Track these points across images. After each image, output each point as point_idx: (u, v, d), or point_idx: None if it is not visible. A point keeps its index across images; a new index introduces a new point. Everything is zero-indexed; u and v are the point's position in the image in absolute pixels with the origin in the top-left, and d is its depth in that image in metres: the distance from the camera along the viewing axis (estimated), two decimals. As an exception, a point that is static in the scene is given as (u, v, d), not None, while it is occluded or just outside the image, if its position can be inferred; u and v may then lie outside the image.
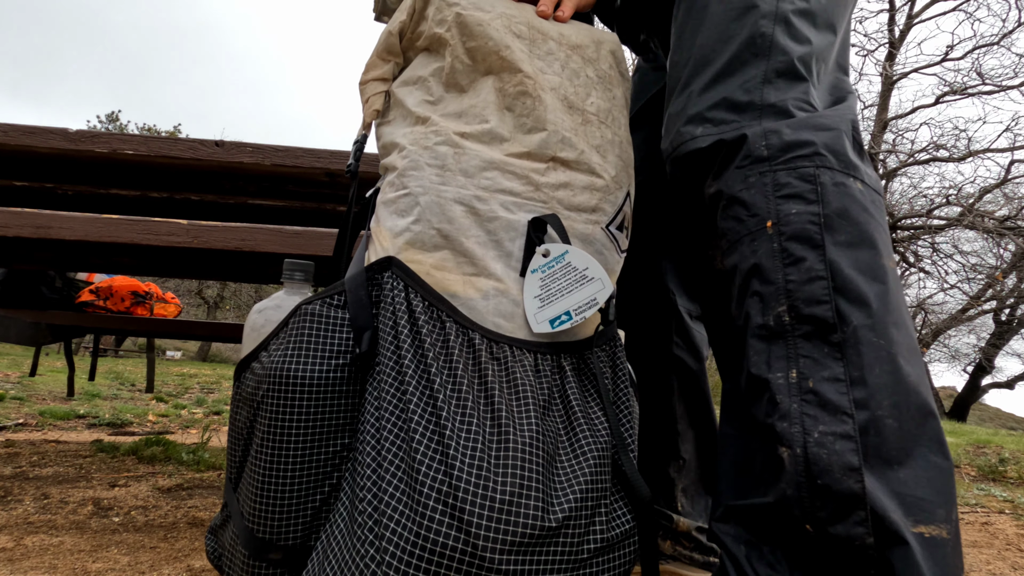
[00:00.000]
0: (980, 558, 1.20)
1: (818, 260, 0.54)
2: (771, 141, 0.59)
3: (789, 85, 0.62)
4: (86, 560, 0.91)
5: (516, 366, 0.55)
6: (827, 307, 0.53)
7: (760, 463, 0.54)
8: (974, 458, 2.90)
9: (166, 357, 16.59)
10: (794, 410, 0.52)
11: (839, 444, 0.49)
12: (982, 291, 10.25)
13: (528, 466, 0.49)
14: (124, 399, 4.04)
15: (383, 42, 0.69)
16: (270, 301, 0.67)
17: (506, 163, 0.62)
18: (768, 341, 0.55)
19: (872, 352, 0.52)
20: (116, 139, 1.07)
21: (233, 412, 0.61)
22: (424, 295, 0.56)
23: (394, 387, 0.52)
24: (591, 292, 0.60)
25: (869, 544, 0.47)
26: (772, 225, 0.57)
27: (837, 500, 0.48)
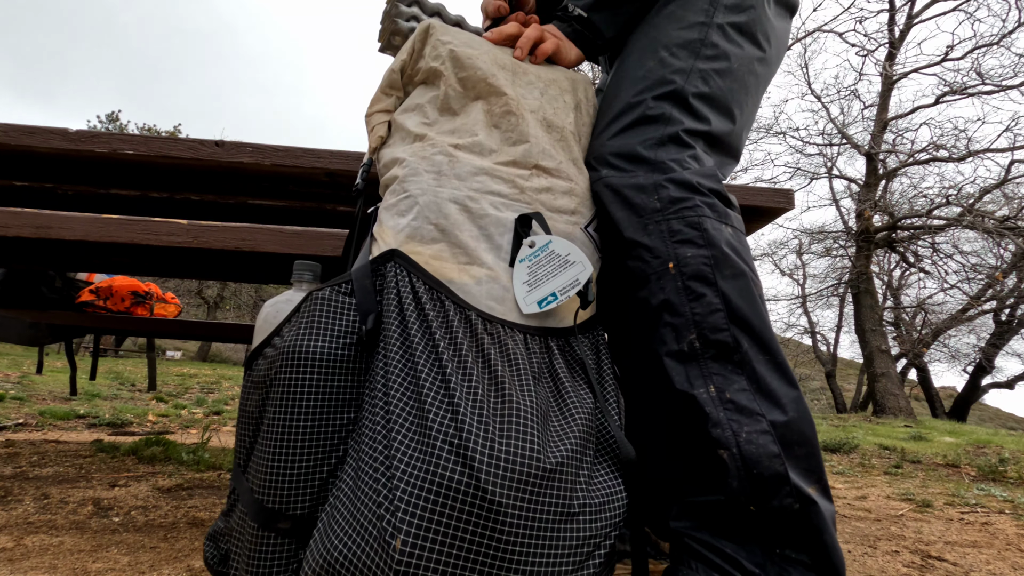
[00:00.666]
0: (980, 558, 1.20)
1: (715, 295, 0.67)
2: (662, 194, 0.72)
3: (678, 150, 0.76)
4: (86, 560, 0.91)
5: (508, 340, 0.62)
6: (727, 333, 0.66)
7: (704, 465, 0.64)
8: (974, 458, 2.90)
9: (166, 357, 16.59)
10: (722, 418, 0.63)
11: (762, 439, 0.62)
12: (982, 291, 10.24)
13: (526, 419, 0.55)
14: (124, 399, 4.04)
15: (387, 79, 0.78)
16: (281, 297, 0.73)
17: (494, 169, 0.69)
18: (684, 363, 0.67)
19: (760, 365, 0.65)
20: (116, 139, 1.07)
21: (243, 400, 0.64)
22: (425, 280, 0.62)
23: (401, 352, 0.58)
24: (573, 274, 0.67)
25: (796, 509, 0.60)
26: (674, 266, 0.69)
27: (770, 481, 0.61)
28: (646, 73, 0.80)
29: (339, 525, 0.51)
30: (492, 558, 0.50)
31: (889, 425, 5.77)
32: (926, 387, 11.99)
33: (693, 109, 0.79)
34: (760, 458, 0.61)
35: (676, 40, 0.82)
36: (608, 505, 0.57)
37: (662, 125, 0.77)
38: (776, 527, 0.61)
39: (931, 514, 1.65)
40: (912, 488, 2.10)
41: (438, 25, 0.77)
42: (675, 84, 0.79)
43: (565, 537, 0.53)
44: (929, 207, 9.73)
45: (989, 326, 11.28)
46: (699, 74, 0.80)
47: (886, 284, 13.27)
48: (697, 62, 0.80)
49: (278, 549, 0.58)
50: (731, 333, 0.65)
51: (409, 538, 0.47)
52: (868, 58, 10.70)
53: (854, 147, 10.76)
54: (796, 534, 0.61)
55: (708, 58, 0.81)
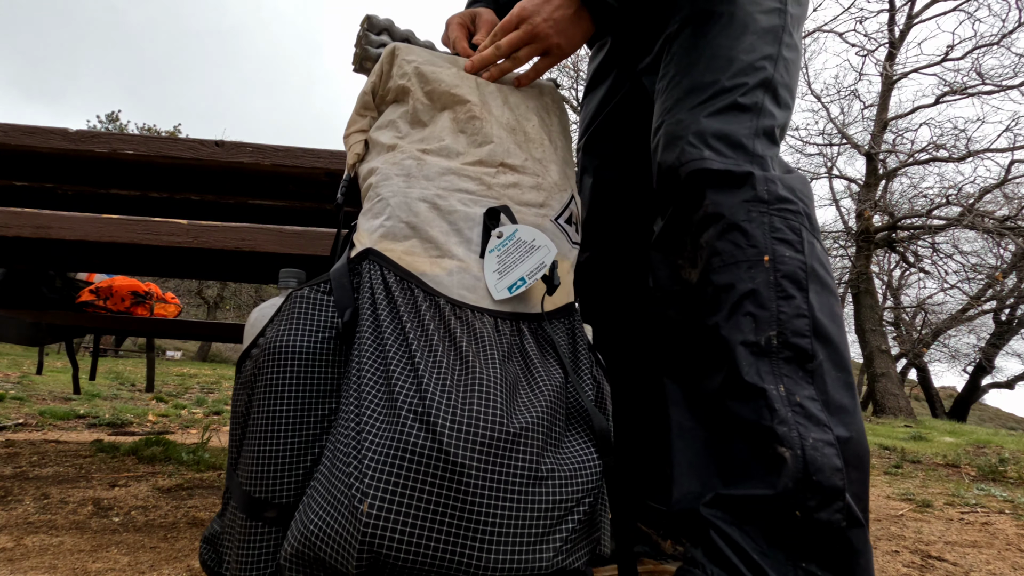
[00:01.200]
0: (980, 558, 1.20)
1: (804, 301, 0.66)
2: (771, 188, 0.70)
3: (768, 146, 0.74)
4: (86, 560, 0.91)
5: (476, 322, 0.64)
6: (808, 340, 0.65)
7: (756, 458, 0.63)
8: (974, 458, 2.90)
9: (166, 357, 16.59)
10: (790, 418, 0.62)
11: (827, 449, 0.61)
12: (982, 291, 10.25)
13: (490, 388, 0.57)
14: (124, 399, 4.04)
15: (360, 101, 0.84)
16: (268, 303, 0.76)
17: (462, 169, 0.73)
18: (757, 356, 0.66)
19: (832, 381, 0.65)
20: (116, 139, 1.07)
21: (234, 401, 0.67)
22: (397, 272, 0.65)
23: (372, 340, 0.60)
24: (539, 258, 0.69)
25: (843, 527, 0.59)
26: (769, 260, 0.68)
27: (825, 493, 0.59)
28: (736, 54, 0.76)
29: (315, 503, 0.53)
30: (459, 520, 0.51)
31: (889, 425, 5.77)
32: (926, 387, 11.99)
33: (779, 100, 0.77)
34: (823, 467, 0.60)
35: (762, 24, 0.78)
36: (580, 473, 0.58)
37: (756, 116, 0.74)
38: (811, 540, 0.60)
39: (931, 514, 1.65)
40: (912, 488, 2.10)
41: (402, 47, 0.82)
42: (767, 72, 0.76)
43: (533, 500, 0.54)
44: (929, 207, 9.73)
45: (989, 326, 11.28)
46: (783, 63, 0.77)
47: (886, 284, 13.27)
48: (781, 49, 0.78)
49: (265, 537, 0.60)
50: (811, 342, 0.65)
51: (376, 501, 0.49)
52: (868, 58, 10.70)
53: (854, 147, 10.77)
54: (830, 553, 0.59)
55: (788, 46, 0.79)
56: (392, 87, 0.80)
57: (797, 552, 0.60)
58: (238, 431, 0.65)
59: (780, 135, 0.77)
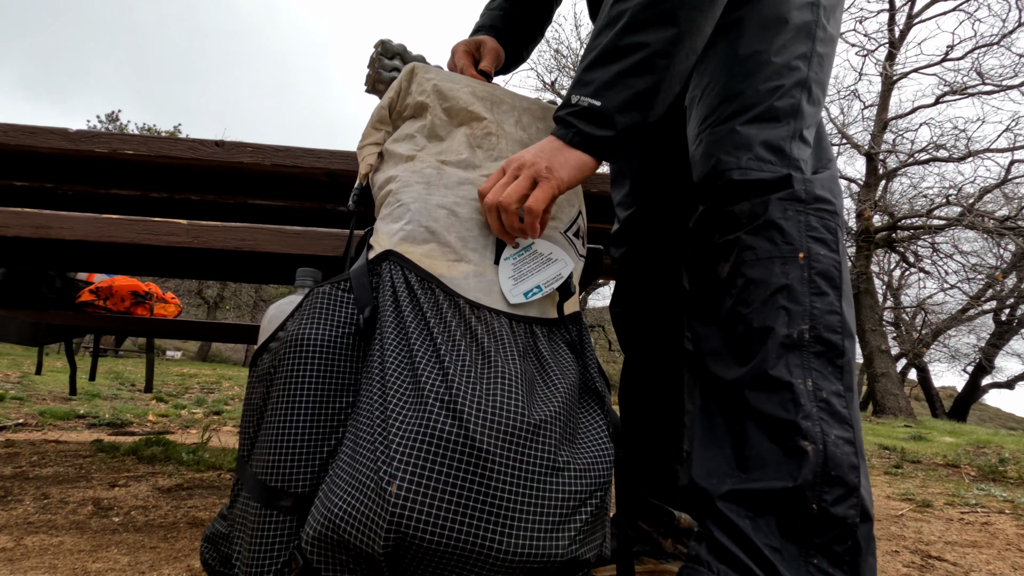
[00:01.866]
0: (980, 558, 1.20)
1: (836, 298, 0.67)
2: (808, 188, 0.71)
3: (802, 147, 0.74)
4: (86, 560, 0.91)
5: (495, 322, 0.66)
6: (839, 337, 0.66)
7: (777, 452, 0.64)
8: (974, 458, 2.90)
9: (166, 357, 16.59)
10: (814, 413, 0.63)
11: (846, 447, 0.62)
12: (982, 291, 10.25)
13: (512, 381, 0.59)
14: (124, 399, 4.04)
15: (376, 115, 0.86)
16: (284, 300, 0.79)
17: (478, 180, 0.76)
18: (787, 349, 0.66)
19: (853, 380, 0.66)
20: (116, 139, 1.07)
21: (248, 395, 0.68)
22: (417, 273, 0.67)
23: (395, 333, 0.62)
24: (556, 270, 0.72)
25: (854, 523, 0.60)
26: (803, 257, 0.68)
27: (842, 488, 0.61)
28: (769, 57, 0.75)
29: (339, 487, 0.55)
30: (483, 503, 0.53)
31: (889, 425, 5.77)
32: (926, 387, 11.99)
33: (813, 98, 0.76)
34: (842, 463, 0.61)
35: (794, 22, 0.76)
36: (594, 466, 0.60)
37: (793, 118, 0.74)
38: (823, 535, 0.61)
39: (931, 514, 1.65)
40: (912, 488, 2.10)
41: (421, 66, 0.86)
42: (801, 72, 0.75)
43: (551, 489, 0.56)
44: (929, 207, 9.73)
45: (989, 326, 11.28)
46: (817, 59, 0.77)
47: (886, 284, 13.27)
48: (815, 45, 0.76)
49: (280, 526, 0.60)
50: (843, 339, 0.66)
51: (404, 483, 0.51)
52: (868, 58, 10.70)
53: (854, 147, 10.77)
54: (840, 549, 0.61)
55: (821, 41, 0.77)
56: (410, 103, 0.84)
57: (809, 547, 0.61)
58: (252, 423, 0.66)
59: (811, 133, 0.77)
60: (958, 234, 9.81)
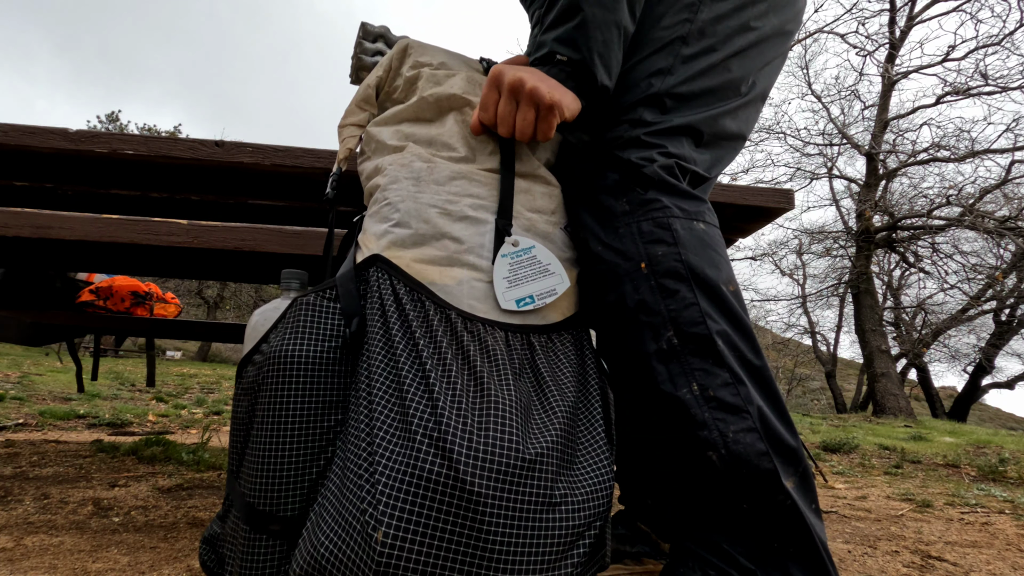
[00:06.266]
0: (980, 558, 1.20)
1: (688, 290, 0.67)
2: (631, 197, 0.72)
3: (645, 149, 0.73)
4: (86, 560, 0.91)
5: (488, 338, 0.63)
6: (703, 327, 0.65)
7: (693, 467, 0.65)
8: (974, 458, 2.90)
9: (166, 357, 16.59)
10: (708, 418, 0.63)
11: (749, 436, 0.62)
12: (982, 291, 10.24)
13: (506, 412, 0.56)
14: (124, 399, 4.04)
15: (361, 93, 0.80)
16: (269, 305, 0.74)
17: (472, 173, 0.71)
18: (666, 362, 0.66)
19: (735, 358, 0.66)
20: (116, 139, 1.07)
21: (235, 407, 0.65)
22: (406, 283, 0.63)
23: (383, 352, 0.59)
24: (551, 283, 0.69)
25: (789, 504, 0.61)
26: (646, 266, 0.69)
27: (761, 479, 0.62)
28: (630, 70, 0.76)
29: (325, 523, 0.53)
30: (474, 547, 0.51)
31: (889, 425, 5.77)
32: (926, 387, 11.99)
33: (665, 107, 0.75)
34: (749, 457, 0.62)
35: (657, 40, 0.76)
36: (592, 497, 0.58)
37: (630, 127, 0.75)
38: (769, 522, 0.62)
39: (931, 514, 1.65)
40: (912, 488, 2.10)
41: (415, 43, 0.79)
42: (653, 87, 0.75)
43: (546, 527, 0.53)
44: (929, 207, 9.73)
45: (989, 326, 11.28)
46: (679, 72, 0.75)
47: (886, 284, 13.27)
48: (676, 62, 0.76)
49: (270, 551, 0.59)
50: (707, 326, 0.65)
51: (391, 530, 0.49)
52: (869, 58, 10.70)
53: (854, 147, 10.76)
54: (787, 529, 0.62)
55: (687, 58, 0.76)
56: (400, 84, 0.78)
57: (763, 536, 0.62)
58: (240, 437, 0.64)
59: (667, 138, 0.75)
60: (958, 234, 9.80)
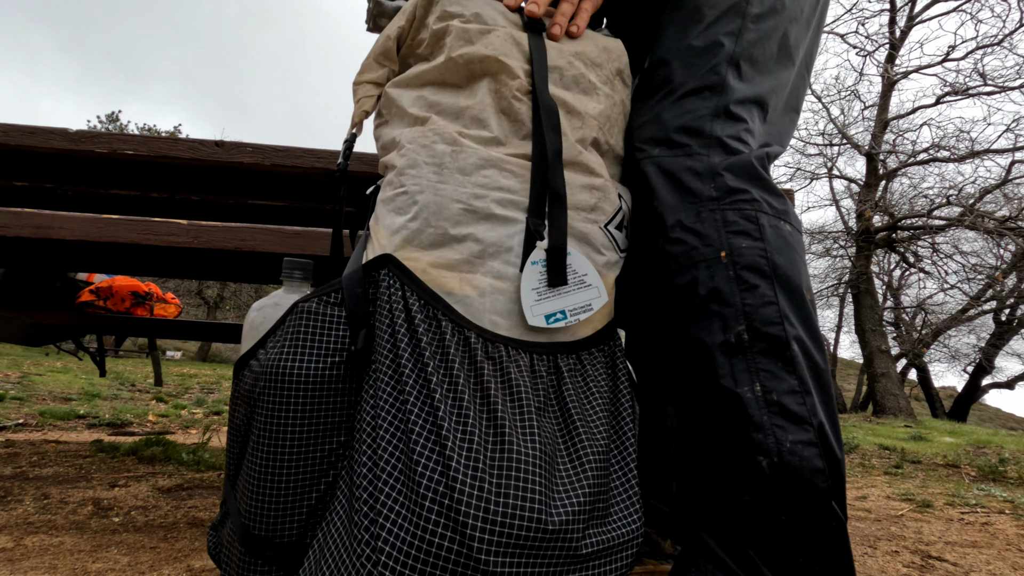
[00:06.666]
0: (980, 558, 1.20)
1: (768, 288, 0.64)
2: (718, 183, 0.69)
3: (731, 123, 0.71)
4: (86, 560, 0.91)
5: (511, 366, 0.55)
6: (780, 328, 0.62)
7: (737, 467, 0.62)
8: (974, 458, 2.90)
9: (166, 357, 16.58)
10: (765, 422, 0.60)
11: (807, 451, 0.59)
12: (982, 291, 10.24)
13: (528, 471, 0.49)
14: (124, 399, 4.04)
15: (381, 46, 0.69)
16: (269, 299, 0.68)
17: (504, 161, 0.61)
18: (730, 356, 0.63)
19: (808, 369, 0.62)
20: (116, 139, 1.07)
21: (232, 409, 0.62)
22: (420, 294, 0.56)
23: (391, 386, 0.52)
24: (587, 297, 0.62)
25: (833, 527, 0.58)
26: (726, 255, 0.66)
27: (809, 497, 0.58)
28: (699, 41, 0.74)
29: (328, 567, 0.49)
30: None
31: (889, 425, 5.77)
32: (926, 387, 11.99)
33: (744, 75, 0.73)
34: (803, 471, 0.58)
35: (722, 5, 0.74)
36: (624, 544, 0.53)
37: (716, 95, 0.72)
38: (806, 540, 0.59)
39: (931, 514, 1.65)
40: (912, 488, 2.10)
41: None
42: (729, 47, 0.73)
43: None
44: (929, 207, 9.73)
45: (989, 326, 11.28)
46: (750, 32, 0.74)
47: (886, 284, 13.27)
48: (746, 21, 0.74)
49: None
50: (784, 328, 0.62)
51: None
52: (869, 58, 10.70)
53: (854, 147, 10.76)
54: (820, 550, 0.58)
55: (756, 17, 0.74)
56: (425, 37, 0.67)
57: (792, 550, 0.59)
58: (237, 444, 0.60)
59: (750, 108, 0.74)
60: (958, 234, 9.80)
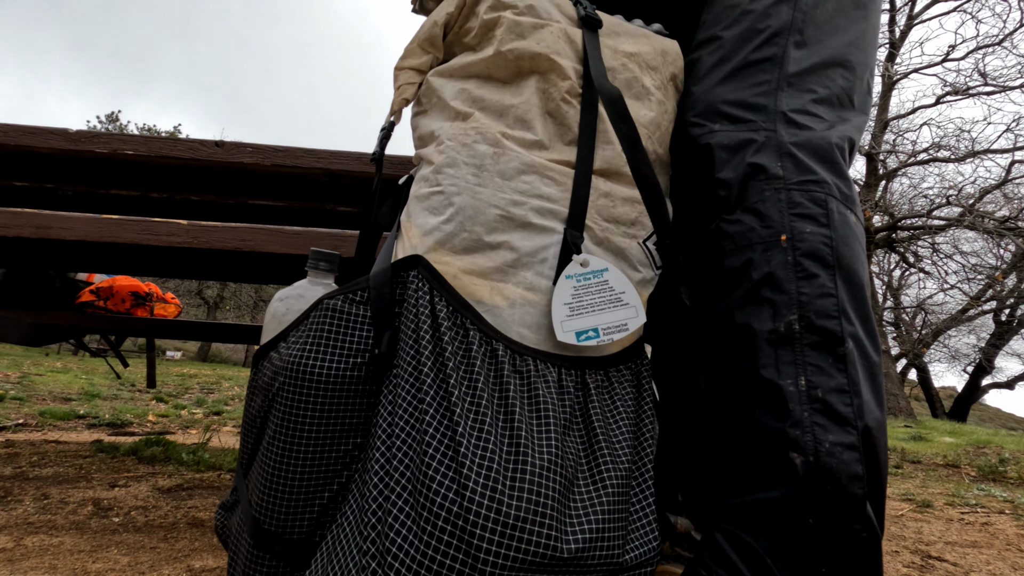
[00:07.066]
0: (980, 558, 1.20)
1: (829, 279, 0.59)
2: (785, 162, 0.63)
3: (797, 94, 0.66)
4: (86, 560, 0.91)
5: (539, 381, 0.54)
6: (836, 322, 0.58)
7: (766, 464, 0.58)
8: (974, 458, 2.90)
9: (166, 357, 16.58)
10: (805, 419, 0.56)
11: (846, 455, 0.55)
12: (982, 291, 10.25)
13: (544, 491, 0.48)
14: (124, 399, 4.04)
15: (426, 32, 0.66)
16: (292, 290, 0.66)
17: (546, 167, 0.59)
18: (776, 346, 0.59)
19: (863, 369, 0.58)
20: (116, 139, 1.07)
21: (249, 398, 0.62)
22: (449, 300, 0.54)
23: (410, 395, 0.52)
24: (623, 316, 0.59)
25: (865, 538, 0.54)
26: (787, 239, 0.61)
27: (843, 502, 0.54)
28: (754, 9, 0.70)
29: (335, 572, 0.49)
30: None
31: (889, 425, 5.77)
32: (926, 387, 11.99)
33: (805, 43, 0.68)
34: (839, 475, 0.54)
35: None
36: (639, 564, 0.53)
37: (777, 67, 0.67)
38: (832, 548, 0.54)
39: (931, 514, 1.65)
40: (912, 488, 2.10)
41: None
42: (787, 14, 0.68)
43: None
44: (929, 207, 9.73)
45: (989, 326, 11.28)
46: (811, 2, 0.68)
47: (886, 284, 13.27)
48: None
49: (272, 570, 0.56)
50: (840, 323, 0.57)
51: None
52: (868, 58, 10.69)
53: (854, 147, 10.75)
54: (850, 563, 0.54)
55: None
56: (474, 27, 0.64)
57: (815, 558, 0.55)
58: (252, 435, 0.60)
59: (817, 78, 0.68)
60: (958, 234, 9.81)
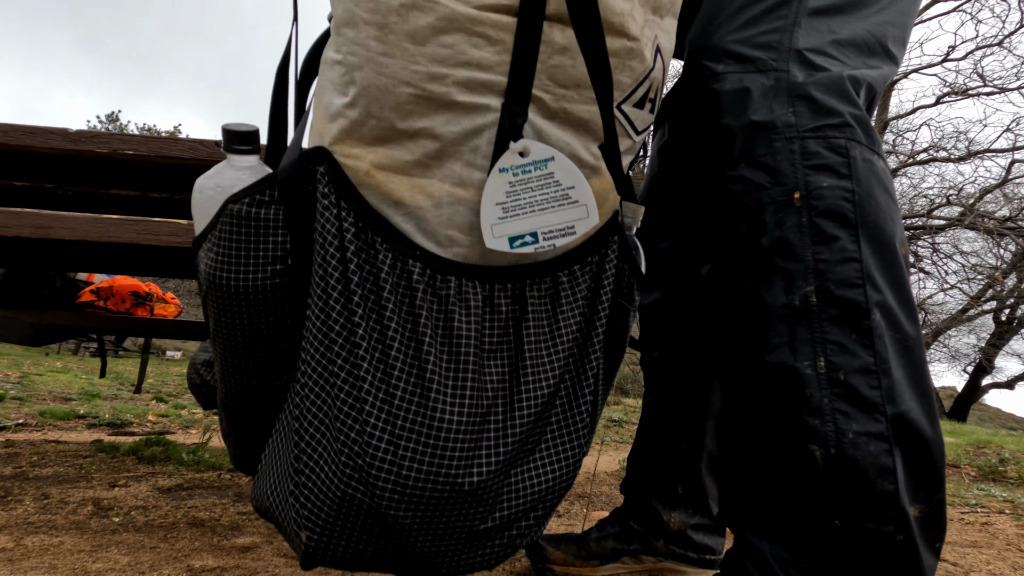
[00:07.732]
0: (980, 558, 1.20)
1: (851, 240, 0.51)
2: (798, 107, 0.54)
3: (816, 33, 0.58)
4: (86, 560, 0.91)
5: (457, 307, 0.48)
6: (860, 291, 0.49)
7: (783, 459, 0.52)
8: (974, 458, 2.90)
9: (166, 357, 16.58)
10: (825, 406, 0.49)
11: (873, 445, 0.47)
12: (982, 291, 10.25)
13: (448, 428, 0.48)
14: (124, 399, 4.04)
15: None
16: (209, 179, 0.56)
17: (474, 20, 0.44)
18: (791, 323, 0.51)
19: (893, 344, 0.49)
20: (116, 139, 1.07)
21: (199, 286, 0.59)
22: (357, 212, 0.47)
23: (319, 323, 0.49)
24: (570, 217, 0.48)
25: (898, 540, 0.46)
26: (800, 197, 0.52)
27: (872, 500, 0.47)
28: None
29: (269, 484, 0.56)
30: (395, 551, 0.53)
31: (889, 425, 5.76)
32: (926, 387, 11.98)
33: None
34: (866, 469, 0.47)
35: None
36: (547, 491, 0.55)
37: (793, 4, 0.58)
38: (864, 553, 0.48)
39: (931, 514, 1.65)
40: (912, 488, 2.10)
41: None
42: None
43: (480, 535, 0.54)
44: (929, 207, 9.74)
45: (989, 326, 11.29)
46: None
47: (886, 284, 13.27)
48: None
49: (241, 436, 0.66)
50: (865, 292, 0.49)
51: (314, 535, 0.52)
52: (868, 58, 10.70)
53: (854, 147, 10.76)
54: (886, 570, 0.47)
55: None
56: None
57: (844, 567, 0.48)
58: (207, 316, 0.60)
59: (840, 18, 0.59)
60: (958, 234, 9.81)
